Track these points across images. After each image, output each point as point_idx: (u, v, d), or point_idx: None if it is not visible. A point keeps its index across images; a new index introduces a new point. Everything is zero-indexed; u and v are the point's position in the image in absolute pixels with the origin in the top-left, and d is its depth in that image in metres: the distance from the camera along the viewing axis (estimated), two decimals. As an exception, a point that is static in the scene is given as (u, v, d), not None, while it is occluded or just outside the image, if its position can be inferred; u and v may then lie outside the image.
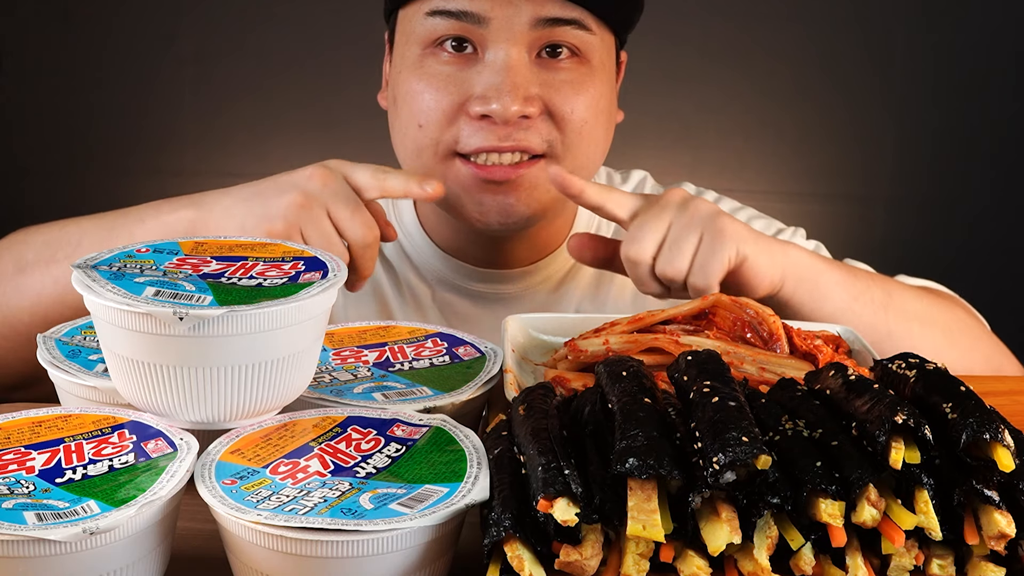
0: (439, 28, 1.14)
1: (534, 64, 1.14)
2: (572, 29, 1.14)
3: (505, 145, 1.12)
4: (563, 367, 0.95)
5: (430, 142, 1.15)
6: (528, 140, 1.13)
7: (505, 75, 1.11)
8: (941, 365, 0.75)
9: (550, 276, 1.29)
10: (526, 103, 1.11)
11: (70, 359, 0.85)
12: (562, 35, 1.14)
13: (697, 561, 0.65)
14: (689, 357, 0.76)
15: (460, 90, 1.13)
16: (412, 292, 1.29)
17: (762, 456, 0.64)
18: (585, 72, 1.16)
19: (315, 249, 0.85)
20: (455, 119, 1.14)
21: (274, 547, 0.64)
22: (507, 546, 0.64)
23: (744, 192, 1.61)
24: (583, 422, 0.74)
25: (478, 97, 1.12)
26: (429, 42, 1.15)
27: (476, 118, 1.12)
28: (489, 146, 1.12)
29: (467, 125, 1.13)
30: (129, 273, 0.77)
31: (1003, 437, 0.65)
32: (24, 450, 0.71)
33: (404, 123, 1.17)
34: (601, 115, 1.18)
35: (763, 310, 0.97)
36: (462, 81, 1.13)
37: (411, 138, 1.16)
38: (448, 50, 1.14)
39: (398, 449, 0.73)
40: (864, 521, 0.64)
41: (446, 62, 1.14)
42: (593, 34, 1.16)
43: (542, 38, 1.13)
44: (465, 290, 1.29)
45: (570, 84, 1.14)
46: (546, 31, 1.13)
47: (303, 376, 0.79)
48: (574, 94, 1.15)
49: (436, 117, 1.14)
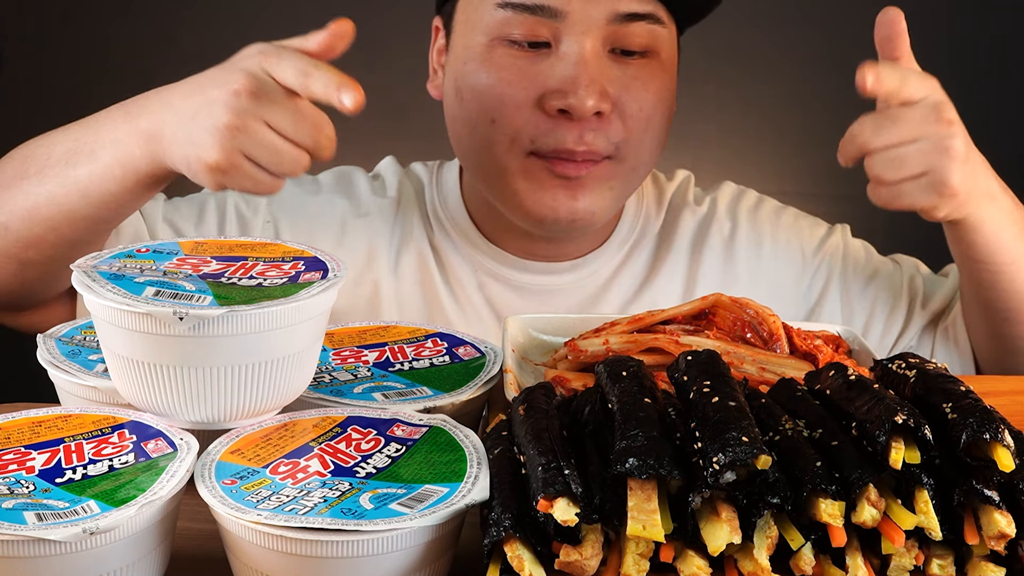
0: (512, 21, 1.11)
1: (607, 59, 1.12)
2: (647, 24, 1.12)
3: (579, 150, 1.11)
4: (563, 367, 0.95)
5: (504, 138, 1.13)
6: (597, 144, 1.11)
7: (582, 69, 1.09)
8: (941, 365, 0.75)
9: (598, 271, 1.27)
10: (601, 99, 1.10)
11: (70, 359, 0.85)
12: (636, 29, 1.12)
13: (697, 561, 0.65)
14: (689, 357, 0.76)
15: (535, 84, 1.11)
16: (458, 282, 1.26)
17: (762, 456, 0.64)
18: (655, 67, 1.14)
19: (315, 249, 0.85)
20: (529, 114, 1.11)
21: (274, 547, 0.64)
22: (507, 546, 0.64)
23: (744, 192, 1.61)
24: (583, 422, 0.74)
25: (555, 91, 1.10)
26: (499, 34, 1.12)
27: (553, 113, 1.10)
28: (564, 149, 1.11)
29: (544, 121, 1.11)
30: (129, 273, 0.77)
31: (1003, 437, 0.65)
32: (24, 450, 0.71)
33: (474, 118, 1.14)
34: (665, 111, 1.17)
35: (763, 310, 0.97)
36: (536, 74, 1.11)
37: (481, 133, 1.14)
38: (520, 42, 1.12)
39: (398, 449, 0.73)
40: (864, 521, 0.64)
41: (517, 54, 1.12)
42: (665, 27, 1.14)
43: (617, 32, 1.11)
44: (511, 282, 1.26)
45: (640, 80, 1.13)
46: (621, 26, 1.11)
47: (303, 376, 0.79)
48: (644, 91, 1.13)
49: (510, 112, 1.12)
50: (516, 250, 1.26)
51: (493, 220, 1.25)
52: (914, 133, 0.99)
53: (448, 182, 1.30)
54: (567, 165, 1.12)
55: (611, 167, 1.14)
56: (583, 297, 1.26)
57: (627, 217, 1.30)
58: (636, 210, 1.30)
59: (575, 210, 1.14)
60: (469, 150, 1.18)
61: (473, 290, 1.26)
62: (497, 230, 1.26)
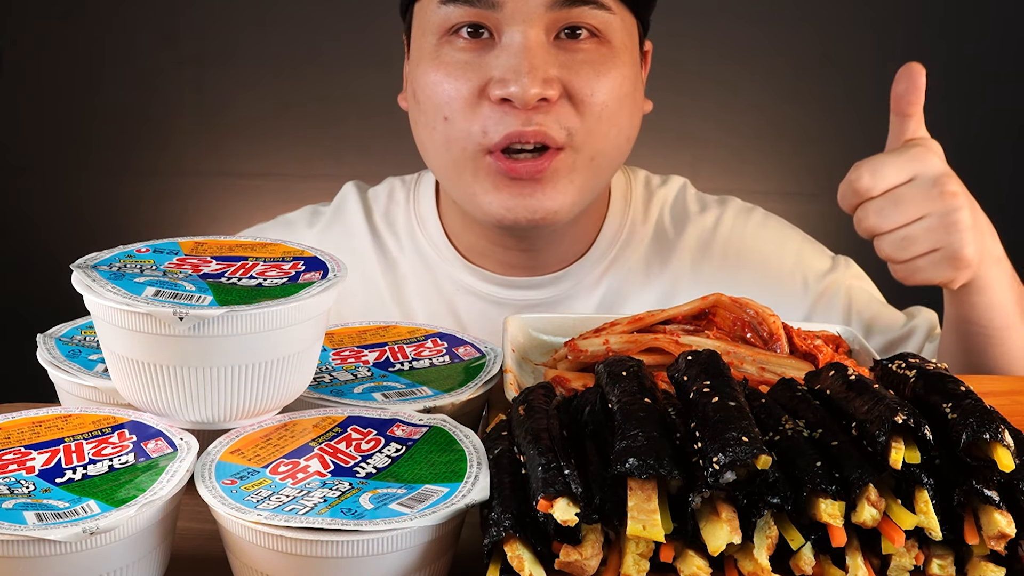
0: (453, 15, 1.11)
1: (552, 46, 1.11)
2: (590, 9, 1.11)
3: (528, 130, 1.09)
4: (563, 367, 0.95)
5: (459, 134, 1.12)
6: (548, 126, 1.09)
7: (523, 57, 1.08)
8: (942, 365, 0.75)
9: (580, 282, 1.26)
10: (545, 85, 1.08)
11: (70, 359, 0.85)
12: (580, 16, 1.11)
13: (697, 561, 0.65)
14: (689, 357, 0.76)
15: (479, 75, 1.10)
16: (436, 301, 1.26)
17: (762, 456, 0.64)
18: (606, 53, 1.12)
19: (315, 249, 0.85)
20: (477, 107, 1.11)
21: (274, 547, 0.64)
22: (507, 546, 0.64)
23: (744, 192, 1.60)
24: (583, 422, 0.74)
25: (497, 80, 1.09)
26: (444, 30, 1.12)
27: (496, 103, 1.09)
28: (515, 132, 1.09)
29: (491, 112, 1.10)
30: (129, 273, 0.77)
31: (1003, 437, 0.65)
32: (24, 450, 0.71)
33: (429, 117, 1.14)
34: (625, 99, 1.14)
35: (763, 310, 0.97)
36: (480, 66, 1.11)
37: (439, 132, 1.13)
38: (464, 36, 1.12)
39: (398, 449, 0.73)
40: (864, 521, 0.64)
41: (462, 48, 1.12)
42: (612, 13, 1.12)
43: (559, 19, 1.10)
44: (493, 299, 1.25)
45: (590, 65, 1.11)
46: (563, 12, 1.10)
47: (303, 376, 0.79)
48: (595, 76, 1.11)
49: (459, 106, 1.11)
50: (495, 265, 1.25)
51: (470, 234, 1.25)
52: (919, 211, 0.99)
53: (424, 201, 1.29)
54: (519, 167, 1.10)
55: (567, 158, 1.12)
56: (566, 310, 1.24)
57: (611, 224, 1.28)
58: (621, 218, 1.28)
59: (534, 209, 1.12)
60: (431, 153, 1.17)
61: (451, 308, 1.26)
62: (474, 246, 1.25)
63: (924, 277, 1.02)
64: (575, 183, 1.13)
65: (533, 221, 1.13)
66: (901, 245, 1.00)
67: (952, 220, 0.99)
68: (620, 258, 1.27)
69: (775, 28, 2.38)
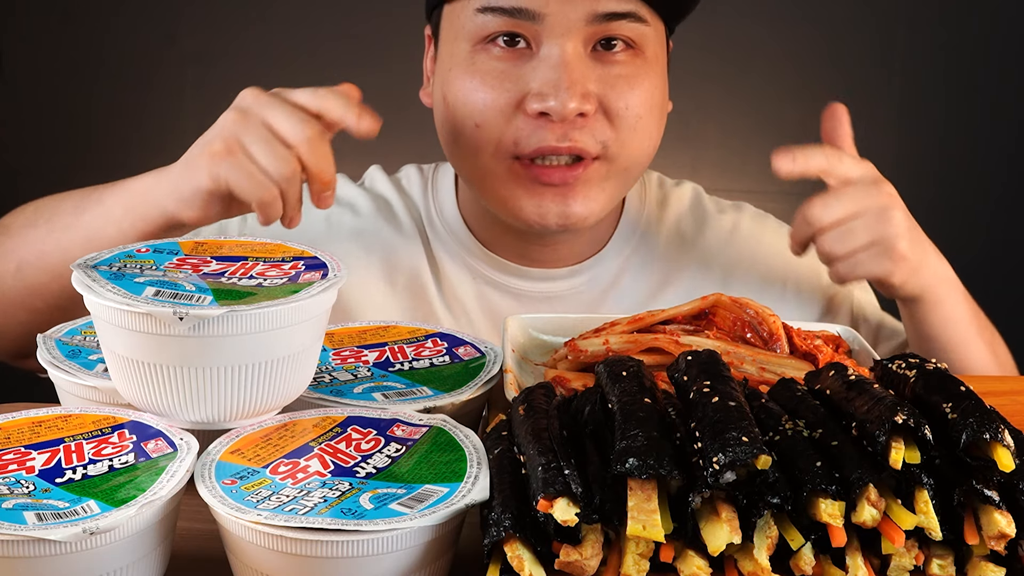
0: (491, 25, 1.11)
1: (589, 58, 1.12)
2: (628, 22, 1.12)
3: (563, 146, 1.10)
4: (563, 367, 0.95)
5: (488, 142, 1.13)
6: (583, 141, 1.11)
7: (562, 71, 1.09)
8: (942, 365, 0.75)
9: (597, 277, 1.27)
10: (583, 100, 1.09)
11: (70, 359, 0.85)
12: (617, 28, 1.12)
13: (697, 561, 0.65)
14: (689, 357, 0.76)
15: (516, 87, 1.11)
16: (453, 290, 1.26)
17: (762, 456, 0.64)
18: (640, 65, 1.14)
19: (315, 249, 0.85)
20: (512, 117, 1.11)
21: (274, 547, 0.64)
22: (507, 546, 0.64)
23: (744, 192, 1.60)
24: (583, 422, 0.74)
25: (536, 94, 1.10)
26: (480, 38, 1.12)
27: (534, 116, 1.10)
28: (548, 147, 1.10)
29: (525, 124, 1.11)
30: (129, 273, 0.77)
31: (1003, 437, 0.65)
32: (24, 450, 0.71)
33: (459, 122, 1.14)
34: (655, 109, 1.16)
35: (763, 310, 0.97)
36: (518, 78, 1.11)
37: (468, 137, 1.14)
38: (500, 45, 1.12)
39: (398, 449, 0.73)
40: (864, 521, 0.64)
41: (499, 58, 1.12)
42: (648, 25, 1.14)
43: (597, 32, 1.11)
44: (510, 289, 1.26)
45: (625, 79, 1.12)
46: (602, 26, 1.11)
47: (303, 376, 0.79)
48: (629, 89, 1.13)
49: (493, 115, 1.12)
50: (513, 256, 1.26)
51: (489, 226, 1.25)
52: (858, 207, 1.07)
53: (443, 188, 1.29)
54: (552, 173, 1.12)
55: (601, 167, 1.14)
56: (582, 303, 1.26)
57: (627, 219, 1.29)
58: (637, 216, 1.30)
59: (566, 215, 1.14)
60: (457, 156, 1.18)
61: (470, 299, 1.26)
62: (493, 236, 1.26)
63: (865, 271, 1.08)
64: (606, 191, 1.16)
65: (564, 226, 1.16)
66: (841, 238, 1.07)
67: (887, 216, 1.07)
68: (636, 256, 1.28)
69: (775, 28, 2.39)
